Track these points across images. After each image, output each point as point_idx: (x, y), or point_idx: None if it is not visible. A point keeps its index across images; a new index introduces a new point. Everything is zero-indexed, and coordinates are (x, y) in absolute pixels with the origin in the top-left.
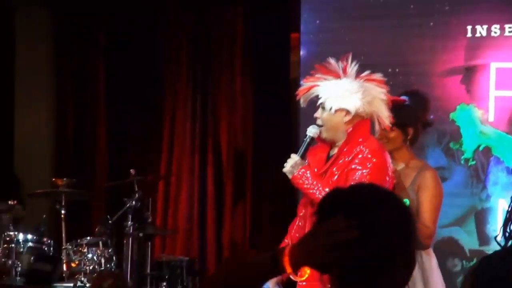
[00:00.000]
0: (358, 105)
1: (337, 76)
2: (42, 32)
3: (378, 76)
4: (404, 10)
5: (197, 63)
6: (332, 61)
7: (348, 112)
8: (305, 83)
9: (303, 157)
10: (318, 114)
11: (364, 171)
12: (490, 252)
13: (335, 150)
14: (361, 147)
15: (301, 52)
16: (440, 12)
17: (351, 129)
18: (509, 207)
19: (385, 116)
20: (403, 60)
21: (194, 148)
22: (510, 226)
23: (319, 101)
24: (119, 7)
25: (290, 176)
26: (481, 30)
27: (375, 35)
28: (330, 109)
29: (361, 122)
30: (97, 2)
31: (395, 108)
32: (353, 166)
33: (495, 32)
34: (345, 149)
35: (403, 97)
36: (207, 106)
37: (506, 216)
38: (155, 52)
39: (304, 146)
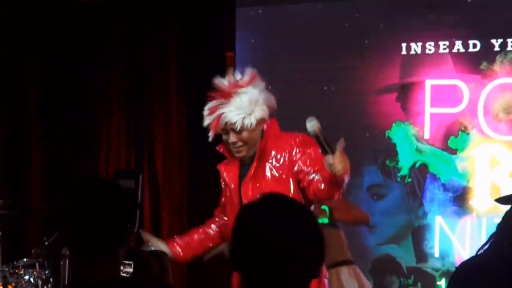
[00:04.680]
0: (266, 109)
1: (230, 95)
2: None
3: (252, 72)
4: (339, 28)
5: (131, 83)
6: (218, 81)
7: (263, 120)
8: (208, 118)
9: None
10: (234, 138)
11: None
12: (428, 269)
13: (247, 161)
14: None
15: (236, 71)
16: (375, 29)
17: (261, 131)
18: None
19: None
20: (338, 78)
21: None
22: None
23: (233, 126)
24: (52, 29)
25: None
26: (416, 48)
27: (311, 53)
28: (251, 125)
29: (270, 123)
30: (29, 24)
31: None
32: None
33: (429, 50)
34: (266, 147)
35: None
36: (142, 128)
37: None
38: (89, 74)
39: (324, 143)
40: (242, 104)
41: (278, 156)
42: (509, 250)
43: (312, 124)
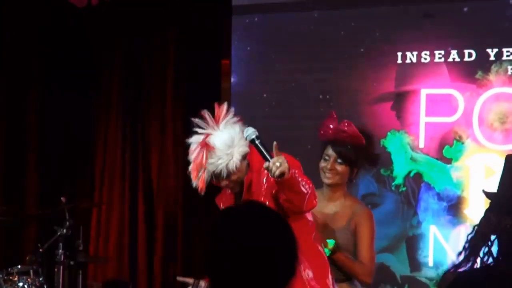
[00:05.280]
0: (243, 142)
1: (206, 145)
2: None
3: (219, 110)
4: (335, 37)
5: (128, 88)
6: (196, 139)
7: (245, 153)
8: (195, 181)
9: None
10: (224, 183)
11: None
12: (422, 278)
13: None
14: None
15: (232, 79)
16: (371, 38)
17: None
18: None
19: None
20: (333, 86)
21: (125, 175)
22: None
23: (219, 175)
24: (50, 34)
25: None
26: (411, 56)
27: (306, 62)
28: (236, 167)
29: (251, 154)
30: (28, 29)
31: (357, 143)
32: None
33: (425, 59)
34: (252, 178)
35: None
36: (138, 133)
37: (472, 235)
38: (86, 77)
39: (263, 150)
40: (220, 152)
41: (261, 182)
42: (502, 262)
43: (249, 134)
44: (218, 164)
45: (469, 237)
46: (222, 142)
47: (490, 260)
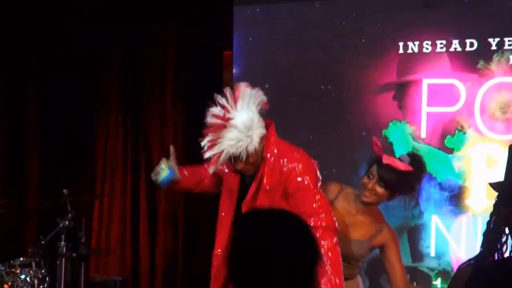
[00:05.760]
0: (261, 123)
1: (225, 126)
2: None
3: (238, 90)
4: (336, 27)
5: (129, 81)
6: (210, 114)
7: (263, 136)
8: (209, 152)
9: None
10: (241, 165)
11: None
12: (423, 268)
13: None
14: (284, 162)
15: (234, 70)
16: (372, 28)
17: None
18: (490, 222)
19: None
20: (335, 77)
21: (127, 167)
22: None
23: (238, 157)
24: (50, 31)
25: None
26: (413, 46)
27: (308, 52)
28: (254, 149)
29: (269, 133)
30: (28, 28)
31: (401, 176)
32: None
33: (426, 49)
34: (265, 168)
35: (406, 160)
36: (139, 125)
37: (485, 229)
38: (86, 71)
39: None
40: (240, 134)
41: (278, 180)
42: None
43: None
44: (238, 146)
45: (484, 232)
46: (242, 123)
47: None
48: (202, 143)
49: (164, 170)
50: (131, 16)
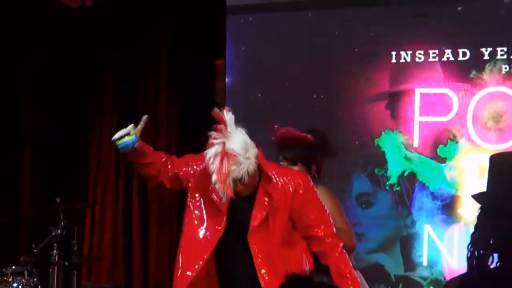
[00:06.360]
0: (253, 144)
1: (229, 154)
2: None
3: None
4: (329, 36)
5: (122, 88)
6: (213, 151)
7: (257, 155)
8: (224, 187)
9: None
10: (240, 188)
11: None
12: (416, 277)
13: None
14: (286, 181)
15: (227, 79)
16: (365, 38)
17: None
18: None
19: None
20: (328, 86)
21: (119, 174)
22: (475, 250)
23: (240, 180)
24: (46, 40)
25: None
26: (406, 56)
27: (300, 61)
28: (253, 169)
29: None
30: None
31: (300, 144)
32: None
33: (419, 58)
34: (268, 189)
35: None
36: None
37: (470, 242)
38: (81, 79)
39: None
40: (240, 157)
41: (284, 203)
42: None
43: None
44: (240, 170)
45: (469, 246)
46: (239, 147)
47: (494, 265)
48: (212, 183)
49: (130, 135)
50: (124, 24)
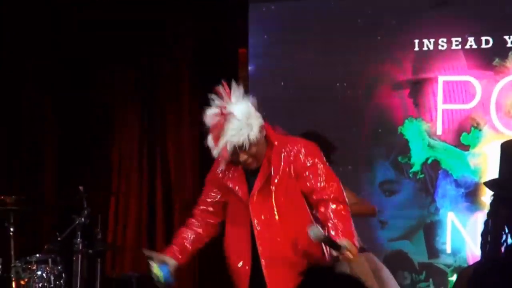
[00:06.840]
0: (258, 114)
1: (225, 118)
2: None
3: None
4: (351, 25)
5: (144, 80)
6: (208, 113)
7: (262, 126)
8: (216, 149)
9: None
10: (244, 156)
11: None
12: (439, 265)
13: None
14: (288, 149)
15: (249, 67)
16: (388, 26)
17: (264, 137)
18: (487, 220)
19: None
20: (351, 74)
21: (142, 164)
22: (488, 237)
23: (241, 147)
24: (67, 38)
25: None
26: (428, 44)
27: (323, 50)
28: (256, 138)
29: (266, 127)
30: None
31: None
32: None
33: (442, 46)
34: (271, 159)
35: None
36: (154, 124)
37: (483, 230)
38: (103, 69)
39: (331, 243)
40: (240, 123)
41: (285, 169)
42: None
43: (315, 232)
44: (240, 134)
45: (482, 234)
46: (240, 112)
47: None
48: (207, 143)
49: (158, 273)
50: (145, 13)
